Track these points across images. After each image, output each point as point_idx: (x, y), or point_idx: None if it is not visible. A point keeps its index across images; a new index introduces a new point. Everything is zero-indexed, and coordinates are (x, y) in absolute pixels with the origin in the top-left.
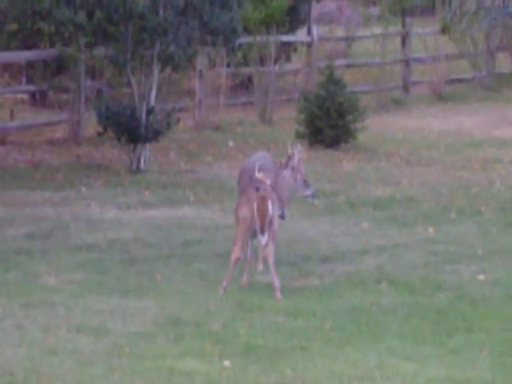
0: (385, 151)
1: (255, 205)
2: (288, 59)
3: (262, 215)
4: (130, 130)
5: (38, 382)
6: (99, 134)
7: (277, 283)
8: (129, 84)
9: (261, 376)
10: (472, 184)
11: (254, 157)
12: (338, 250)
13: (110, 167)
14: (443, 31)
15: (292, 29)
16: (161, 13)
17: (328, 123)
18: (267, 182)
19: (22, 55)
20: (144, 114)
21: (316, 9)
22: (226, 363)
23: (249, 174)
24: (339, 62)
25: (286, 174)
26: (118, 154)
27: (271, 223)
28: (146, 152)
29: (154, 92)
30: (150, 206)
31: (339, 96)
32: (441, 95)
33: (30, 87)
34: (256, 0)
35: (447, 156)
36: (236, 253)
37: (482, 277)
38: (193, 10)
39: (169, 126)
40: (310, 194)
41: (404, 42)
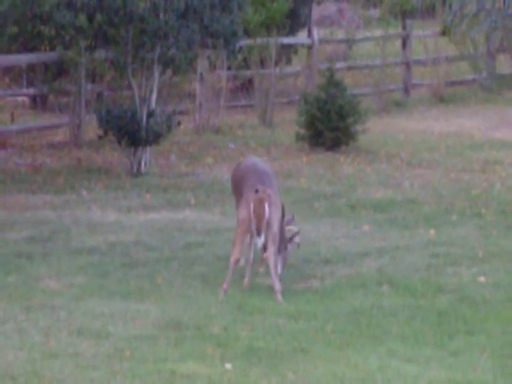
0: (385, 153)
1: (252, 206)
2: (288, 62)
3: (259, 217)
4: (131, 132)
5: None
6: (100, 137)
7: (278, 286)
8: (129, 87)
9: (262, 378)
10: (473, 186)
11: (245, 161)
12: (338, 253)
13: (110, 170)
14: (444, 33)
15: (292, 31)
16: (161, 16)
17: (328, 125)
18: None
19: (23, 58)
20: (145, 117)
21: (316, 11)
22: (228, 366)
23: (250, 172)
24: (340, 64)
25: None
26: (118, 157)
27: (270, 225)
28: (147, 155)
29: (154, 95)
30: (150, 209)
31: (340, 98)
32: (441, 97)
33: (31, 90)
34: (256, 2)
35: (448, 158)
36: (235, 254)
37: (482, 279)
38: (193, 12)
39: (169, 128)
40: None
41: (404, 44)
